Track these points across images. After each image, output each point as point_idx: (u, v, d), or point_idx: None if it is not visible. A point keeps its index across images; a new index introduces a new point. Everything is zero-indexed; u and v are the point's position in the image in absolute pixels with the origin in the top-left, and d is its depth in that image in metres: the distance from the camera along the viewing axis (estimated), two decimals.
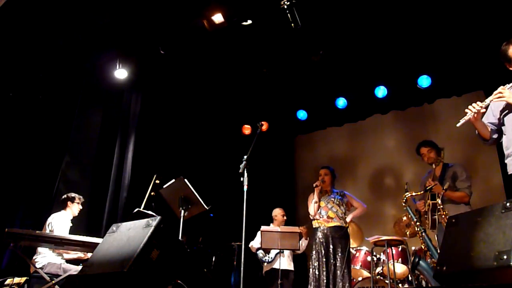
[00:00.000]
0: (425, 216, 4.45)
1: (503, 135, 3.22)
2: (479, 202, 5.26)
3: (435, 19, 5.53)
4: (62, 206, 4.99)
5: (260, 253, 5.87)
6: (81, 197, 5.13)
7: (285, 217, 6.11)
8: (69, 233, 4.71)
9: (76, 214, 5.05)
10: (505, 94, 3.00)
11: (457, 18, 5.45)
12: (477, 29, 5.50)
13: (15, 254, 4.09)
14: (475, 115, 3.10)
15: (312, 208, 5.22)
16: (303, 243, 5.97)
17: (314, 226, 5.24)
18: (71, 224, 4.91)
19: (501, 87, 3.06)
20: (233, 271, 6.07)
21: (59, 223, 4.76)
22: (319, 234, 5.08)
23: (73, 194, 5.08)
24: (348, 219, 5.22)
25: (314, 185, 5.22)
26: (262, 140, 4.45)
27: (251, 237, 6.01)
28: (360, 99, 7.28)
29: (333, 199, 5.24)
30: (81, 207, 5.11)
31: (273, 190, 7.91)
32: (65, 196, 5.06)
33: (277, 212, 6.13)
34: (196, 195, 4.57)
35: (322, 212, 5.18)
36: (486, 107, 3.18)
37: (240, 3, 5.46)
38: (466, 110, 3.13)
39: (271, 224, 6.08)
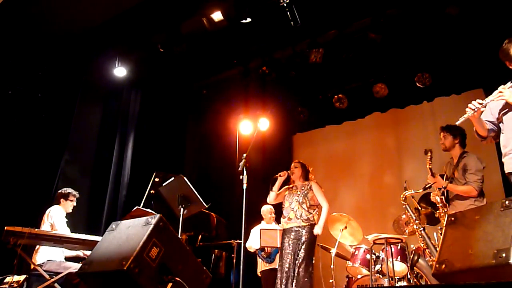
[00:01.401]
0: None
1: (501, 134, 3.23)
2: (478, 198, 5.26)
3: (434, 17, 5.52)
4: (56, 201, 4.93)
5: (264, 253, 5.85)
6: (76, 194, 5.05)
7: (273, 215, 6.08)
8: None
9: (69, 211, 4.99)
10: (506, 93, 3.01)
11: (456, 16, 5.44)
12: (477, 27, 5.50)
13: (15, 252, 4.08)
14: (475, 113, 3.11)
15: (268, 196, 5.14)
16: None
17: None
18: (66, 220, 4.91)
19: (502, 86, 3.07)
20: (232, 270, 6.07)
21: (60, 217, 4.74)
22: (284, 237, 4.93)
23: (68, 190, 5.00)
24: (316, 232, 4.88)
25: (278, 175, 5.05)
26: (261, 138, 4.44)
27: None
28: (359, 97, 7.28)
29: (296, 198, 5.01)
30: (74, 204, 5.03)
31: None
32: (60, 191, 4.99)
33: (265, 211, 6.11)
34: (196, 193, 4.57)
35: (285, 213, 5.03)
36: (486, 106, 3.19)
37: (240, 1, 5.45)
38: (467, 109, 3.14)
39: (262, 222, 6.10)
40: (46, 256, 4.57)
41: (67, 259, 4.78)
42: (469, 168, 4.32)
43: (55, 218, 4.69)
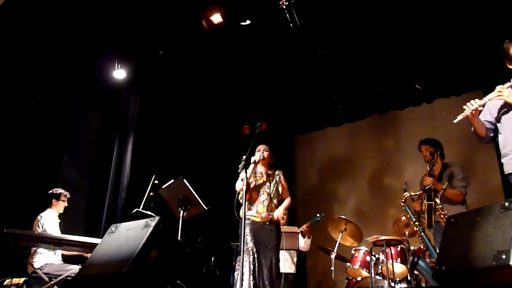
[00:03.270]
0: (422, 215, 4.45)
1: (499, 134, 3.23)
2: (477, 201, 5.25)
3: (433, 19, 5.52)
4: (47, 203, 4.91)
5: None
6: (67, 193, 5.02)
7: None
8: (65, 232, 4.69)
9: (61, 211, 4.97)
10: (504, 93, 3.02)
11: (455, 18, 5.44)
12: (476, 28, 5.51)
13: (14, 254, 4.08)
14: (473, 112, 3.11)
15: (237, 183, 4.34)
16: (307, 242, 5.97)
17: None
18: (59, 220, 4.90)
19: (500, 86, 3.07)
20: (232, 271, 6.06)
21: (50, 222, 4.73)
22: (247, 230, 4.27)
23: (59, 190, 4.99)
24: (276, 216, 4.35)
25: (252, 160, 4.29)
26: (261, 140, 4.43)
27: None
28: (359, 99, 7.28)
29: (267, 190, 4.48)
30: (66, 204, 5.01)
31: None
32: (50, 192, 4.96)
33: None
34: (195, 195, 4.57)
35: (251, 205, 4.42)
36: (484, 105, 3.19)
37: (238, 3, 5.46)
38: (464, 107, 3.14)
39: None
40: (45, 259, 4.57)
41: (66, 258, 4.78)
42: (456, 174, 4.59)
43: (46, 224, 4.68)
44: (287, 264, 5.89)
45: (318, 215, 5.83)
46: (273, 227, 4.39)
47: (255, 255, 4.15)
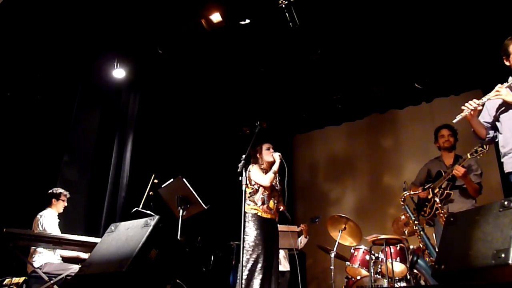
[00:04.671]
0: (426, 204, 4.36)
1: (499, 134, 3.22)
2: (477, 200, 5.26)
3: (433, 18, 5.53)
4: (47, 202, 4.90)
5: None
6: (67, 193, 5.01)
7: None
8: (65, 231, 4.68)
9: (61, 211, 4.96)
10: (503, 92, 3.01)
11: (455, 17, 5.45)
12: (476, 28, 5.51)
13: (13, 253, 4.08)
14: (472, 112, 3.11)
15: (266, 178, 4.37)
16: (303, 240, 5.99)
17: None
18: (58, 220, 4.89)
19: (499, 85, 3.07)
20: (232, 271, 6.07)
21: (50, 221, 4.73)
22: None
23: (59, 190, 4.97)
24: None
25: (278, 156, 4.42)
26: (260, 139, 4.43)
27: None
28: (358, 98, 7.28)
29: (276, 188, 4.56)
30: (66, 204, 5.00)
31: None
32: (50, 191, 4.95)
33: None
34: (195, 194, 4.57)
35: (267, 201, 4.43)
36: (483, 105, 3.19)
37: (238, 2, 5.45)
38: (463, 107, 3.14)
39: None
40: (44, 258, 4.57)
41: (65, 259, 4.78)
42: (474, 169, 4.40)
43: (45, 223, 4.67)
44: (284, 262, 5.92)
45: (316, 218, 5.85)
46: (276, 227, 4.47)
47: (266, 252, 4.13)
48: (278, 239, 4.46)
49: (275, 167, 4.37)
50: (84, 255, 4.62)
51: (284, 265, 5.88)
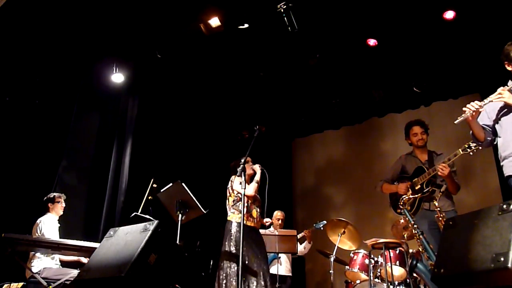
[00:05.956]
0: (402, 200, 4.13)
1: (499, 137, 3.21)
2: (476, 204, 5.27)
3: (431, 22, 5.55)
4: (45, 209, 4.86)
5: None
6: (61, 195, 4.97)
7: (280, 222, 6.04)
8: (64, 236, 4.66)
9: (61, 213, 4.93)
10: (505, 95, 2.99)
11: (453, 21, 5.47)
12: (474, 32, 5.53)
13: (12, 259, 4.06)
14: (474, 113, 3.10)
15: (251, 187, 4.55)
16: (307, 246, 5.98)
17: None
18: (58, 225, 4.87)
19: (501, 88, 3.05)
20: None
21: (49, 226, 4.70)
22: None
23: (52, 194, 4.93)
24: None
25: (259, 166, 4.62)
26: (259, 143, 4.43)
27: None
28: (357, 102, 7.29)
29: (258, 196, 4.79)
30: (63, 205, 4.96)
31: (271, 193, 7.89)
32: (45, 198, 4.92)
33: (274, 216, 6.08)
34: (194, 199, 4.56)
35: (250, 210, 4.68)
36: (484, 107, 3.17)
37: (236, 7, 5.47)
38: (464, 109, 3.12)
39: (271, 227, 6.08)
40: (43, 263, 4.55)
41: (64, 264, 4.76)
42: (451, 167, 4.35)
43: (44, 228, 4.64)
44: (286, 267, 5.90)
45: (320, 223, 5.84)
46: (260, 235, 4.59)
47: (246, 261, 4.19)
48: (263, 245, 4.54)
49: (257, 177, 4.53)
50: (85, 260, 4.60)
51: (286, 270, 5.85)
